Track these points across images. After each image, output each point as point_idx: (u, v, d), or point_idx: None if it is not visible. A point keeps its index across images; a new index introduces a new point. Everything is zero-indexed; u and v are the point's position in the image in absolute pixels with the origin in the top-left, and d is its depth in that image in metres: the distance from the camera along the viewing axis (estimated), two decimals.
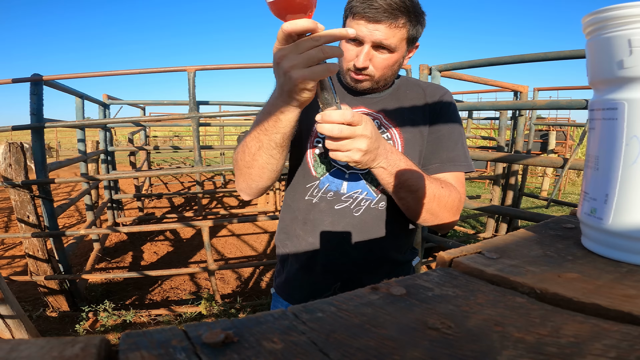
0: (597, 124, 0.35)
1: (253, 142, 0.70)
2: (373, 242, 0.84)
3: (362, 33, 0.74)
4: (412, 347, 0.21)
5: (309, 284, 0.88)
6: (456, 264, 0.34)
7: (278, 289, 0.95)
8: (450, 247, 1.68)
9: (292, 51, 0.55)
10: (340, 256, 0.84)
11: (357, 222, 0.83)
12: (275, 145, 0.68)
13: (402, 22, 0.74)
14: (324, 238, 0.84)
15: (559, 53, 1.91)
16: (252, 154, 0.71)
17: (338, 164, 0.84)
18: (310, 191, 0.85)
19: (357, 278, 0.86)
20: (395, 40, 0.75)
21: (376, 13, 0.72)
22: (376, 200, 0.83)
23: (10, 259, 3.69)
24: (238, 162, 0.75)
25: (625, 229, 0.33)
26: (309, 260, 0.86)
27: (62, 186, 7.47)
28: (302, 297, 0.89)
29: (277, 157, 0.71)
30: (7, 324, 1.60)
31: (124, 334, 0.21)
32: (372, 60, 0.77)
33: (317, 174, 0.84)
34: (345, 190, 0.83)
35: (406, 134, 0.84)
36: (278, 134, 0.66)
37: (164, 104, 5.31)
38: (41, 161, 2.42)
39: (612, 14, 0.32)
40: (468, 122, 5.21)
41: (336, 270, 0.85)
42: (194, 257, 3.73)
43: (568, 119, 8.81)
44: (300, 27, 0.53)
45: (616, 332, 0.23)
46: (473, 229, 4.59)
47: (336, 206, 0.83)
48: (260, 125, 0.68)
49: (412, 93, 0.88)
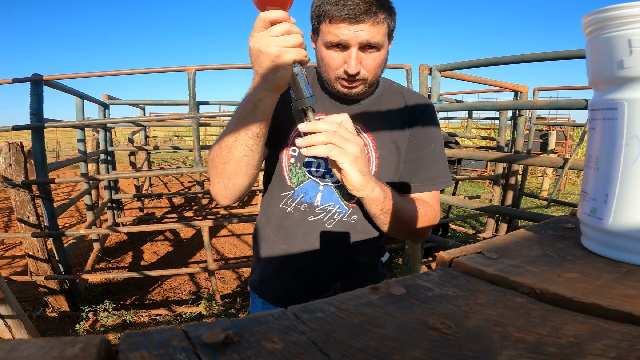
0: (597, 124, 0.35)
1: (229, 135, 0.69)
2: (345, 250, 0.87)
3: (346, 36, 0.70)
4: (412, 347, 0.21)
5: (283, 286, 0.90)
6: (456, 264, 0.34)
7: (253, 286, 0.97)
8: (450, 247, 1.68)
9: (267, 34, 0.59)
10: (313, 263, 0.86)
11: (330, 233, 0.85)
12: (253, 135, 0.67)
13: (382, 17, 0.71)
14: (297, 246, 0.86)
15: (559, 53, 1.91)
16: (229, 147, 0.69)
17: (313, 176, 0.83)
18: (284, 200, 0.85)
19: (330, 281, 0.88)
20: (380, 37, 0.72)
21: (355, 12, 0.69)
22: (348, 214, 0.84)
23: (10, 259, 3.69)
24: (214, 159, 0.73)
25: (625, 229, 0.33)
26: (283, 265, 0.88)
27: (62, 186, 7.47)
28: (277, 297, 0.91)
29: (254, 149, 0.69)
30: (7, 324, 1.60)
31: (124, 334, 0.21)
32: (362, 63, 0.74)
33: (292, 184, 0.84)
34: (319, 203, 0.84)
35: (382, 150, 0.83)
36: (255, 122, 0.66)
37: (164, 104, 5.32)
38: (41, 161, 2.42)
39: (612, 14, 0.32)
40: (468, 122, 5.21)
41: (309, 275, 0.88)
42: (194, 257, 3.73)
43: (568, 119, 8.81)
44: (275, 16, 0.59)
45: (616, 332, 0.23)
46: (473, 229, 4.60)
47: (310, 217, 0.84)
48: (237, 115, 0.68)
49: (394, 103, 0.86)
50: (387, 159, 0.84)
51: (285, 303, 0.90)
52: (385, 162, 0.84)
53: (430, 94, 2.58)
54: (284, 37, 0.59)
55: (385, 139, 0.83)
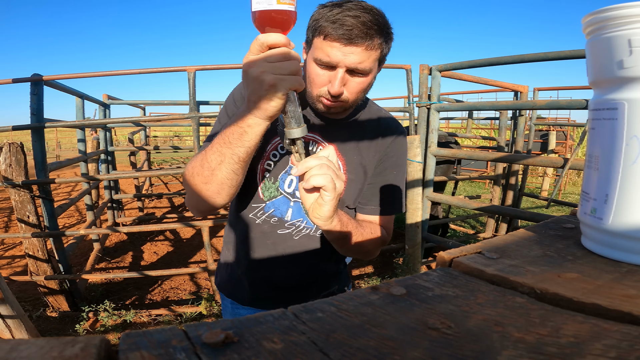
0: (597, 124, 0.35)
1: (214, 155, 0.66)
2: (310, 259, 0.89)
3: (336, 57, 0.69)
4: (412, 347, 0.21)
5: (250, 290, 0.92)
6: (456, 264, 0.34)
7: (220, 287, 0.98)
8: (450, 247, 1.68)
9: (263, 59, 0.56)
10: (280, 271, 0.89)
11: (296, 244, 0.87)
12: (239, 160, 0.65)
13: (377, 42, 0.70)
14: (264, 255, 0.88)
15: (559, 53, 1.92)
16: (212, 169, 0.66)
17: (285, 192, 0.84)
18: (255, 211, 0.86)
19: (296, 287, 0.91)
20: (369, 63, 0.71)
21: (351, 34, 0.67)
22: (315, 229, 0.88)
23: (10, 259, 3.69)
24: (194, 176, 0.69)
25: (625, 229, 0.33)
26: (249, 270, 0.90)
27: (62, 186, 7.47)
28: (244, 298, 0.93)
29: (239, 173, 0.67)
30: (7, 324, 1.60)
31: (124, 334, 0.21)
32: (347, 85, 0.73)
33: (264, 197, 0.85)
34: (289, 218, 0.86)
35: (351, 174, 0.85)
36: (242, 147, 0.63)
37: (164, 104, 5.32)
38: (41, 161, 2.42)
39: (612, 14, 0.32)
40: (468, 122, 5.21)
41: (274, 282, 0.90)
42: (194, 257, 3.73)
43: (568, 119, 8.81)
44: (274, 40, 0.56)
45: (616, 332, 0.23)
46: (473, 229, 4.60)
47: (279, 231, 0.86)
48: (223, 137, 0.64)
49: (369, 127, 0.86)
50: (354, 182, 0.86)
51: (253, 304, 0.91)
52: (352, 185, 0.86)
53: (430, 94, 2.58)
54: (281, 64, 0.56)
55: (355, 162, 0.85)
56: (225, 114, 0.82)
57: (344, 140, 0.84)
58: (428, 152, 2.59)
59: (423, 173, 2.63)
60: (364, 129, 0.86)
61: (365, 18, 0.68)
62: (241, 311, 0.94)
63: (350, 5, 0.69)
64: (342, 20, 0.67)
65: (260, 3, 0.55)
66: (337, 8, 0.69)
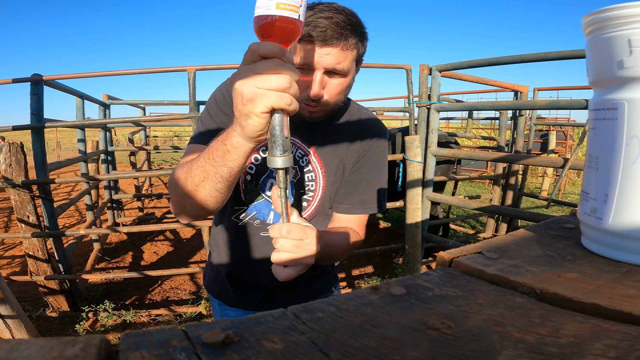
0: (597, 124, 0.35)
1: (198, 170, 0.62)
2: None
3: (312, 59, 0.67)
4: (412, 347, 0.21)
5: (235, 292, 0.92)
6: (456, 264, 0.34)
7: (208, 288, 0.98)
8: (450, 247, 1.68)
9: (249, 69, 0.51)
10: (264, 273, 0.87)
11: None
12: (222, 179, 0.61)
13: (352, 42, 0.69)
14: (247, 257, 0.88)
15: (559, 53, 1.92)
16: (195, 184, 0.63)
17: (266, 195, 0.84)
18: (237, 213, 0.86)
19: (281, 287, 0.90)
20: (347, 63, 0.70)
21: (326, 35, 0.66)
22: None
23: (10, 259, 3.69)
24: (178, 187, 0.66)
25: (625, 229, 0.33)
26: (234, 272, 0.91)
27: (62, 186, 7.47)
28: (231, 300, 0.93)
29: (223, 191, 0.63)
30: (7, 324, 1.60)
31: (124, 334, 0.21)
32: (326, 88, 0.72)
33: (246, 200, 0.84)
34: (271, 221, 0.85)
35: (330, 176, 0.84)
36: (225, 167, 0.59)
37: (164, 104, 5.31)
38: (41, 161, 2.42)
39: (612, 14, 0.32)
40: (468, 122, 5.22)
41: (260, 284, 0.90)
42: (194, 257, 3.73)
43: (568, 119, 8.80)
44: (265, 50, 0.50)
45: (616, 332, 0.23)
46: (473, 229, 4.59)
47: (261, 233, 0.86)
48: (209, 153, 0.61)
49: (349, 129, 0.86)
50: (333, 184, 0.85)
51: (239, 305, 0.91)
52: (330, 188, 0.85)
53: (430, 94, 2.58)
54: (266, 77, 0.49)
55: (334, 165, 0.85)
56: (207, 114, 0.80)
57: (323, 142, 0.84)
58: (428, 152, 2.59)
59: (423, 173, 2.63)
60: (343, 130, 0.85)
61: (339, 19, 0.67)
62: (229, 312, 0.94)
63: (322, 7, 0.68)
64: (315, 22, 0.66)
65: (260, 7, 0.50)
66: (309, 11, 0.68)
